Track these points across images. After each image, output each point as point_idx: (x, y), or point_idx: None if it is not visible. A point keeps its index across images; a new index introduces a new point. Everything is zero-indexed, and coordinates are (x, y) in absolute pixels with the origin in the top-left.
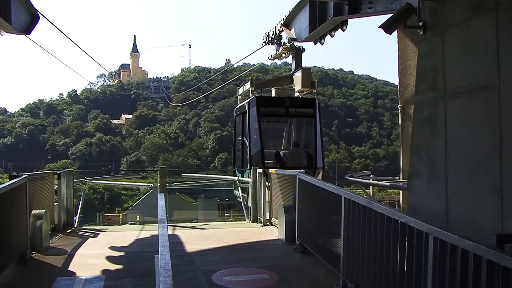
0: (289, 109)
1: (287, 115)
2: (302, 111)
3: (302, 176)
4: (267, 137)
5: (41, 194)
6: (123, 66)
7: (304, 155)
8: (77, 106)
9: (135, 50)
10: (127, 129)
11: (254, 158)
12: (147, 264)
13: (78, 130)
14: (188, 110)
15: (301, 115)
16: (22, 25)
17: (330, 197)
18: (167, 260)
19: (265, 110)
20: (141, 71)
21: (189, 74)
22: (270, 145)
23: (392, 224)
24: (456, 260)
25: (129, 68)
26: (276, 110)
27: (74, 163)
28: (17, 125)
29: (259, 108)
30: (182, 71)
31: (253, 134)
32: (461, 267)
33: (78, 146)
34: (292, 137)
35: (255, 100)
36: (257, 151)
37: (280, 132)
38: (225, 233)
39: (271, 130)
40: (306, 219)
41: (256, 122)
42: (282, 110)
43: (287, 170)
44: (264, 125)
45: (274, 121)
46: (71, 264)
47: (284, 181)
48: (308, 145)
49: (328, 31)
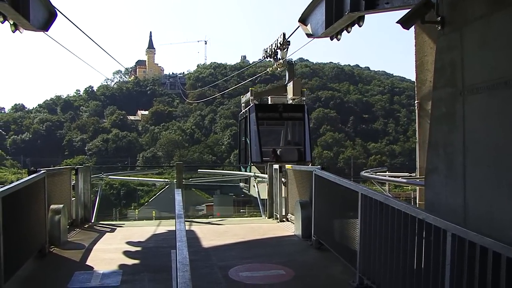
0: (282, 114)
1: (280, 118)
2: (293, 115)
3: (318, 172)
4: (265, 137)
5: (59, 189)
6: (139, 63)
7: (295, 151)
8: (94, 102)
9: (151, 47)
10: (143, 125)
11: (254, 155)
12: (163, 259)
13: (94, 126)
14: (204, 106)
15: (292, 118)
16: (40, 22)
17: (347, 193)
18: (185, 255)
19: (262, 115)
20: (157, 67)
21: (205, 71)
22: (267, 144)
23: (409, 220)
24: (474, 257)
25: (145, 65)
26: (271, 114)
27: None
28: (35, 121)
29: (257, 113)
30: (198, 67)
31: (253, 135)
32: (480, 265)
33: (94, 142)
34: (285, 136)
35: (254, 107)
36: (256, 149)
37: (275, 132)
38: (241, 229)
39: (268, 131)
40: (322, 215)
41: (255, 125)
42: (276, 114)
43: (303, 166)
44: (262, 127)
45: (270, 124)
46: (89, 258)
47: (300, 177)
48: (299, 142)
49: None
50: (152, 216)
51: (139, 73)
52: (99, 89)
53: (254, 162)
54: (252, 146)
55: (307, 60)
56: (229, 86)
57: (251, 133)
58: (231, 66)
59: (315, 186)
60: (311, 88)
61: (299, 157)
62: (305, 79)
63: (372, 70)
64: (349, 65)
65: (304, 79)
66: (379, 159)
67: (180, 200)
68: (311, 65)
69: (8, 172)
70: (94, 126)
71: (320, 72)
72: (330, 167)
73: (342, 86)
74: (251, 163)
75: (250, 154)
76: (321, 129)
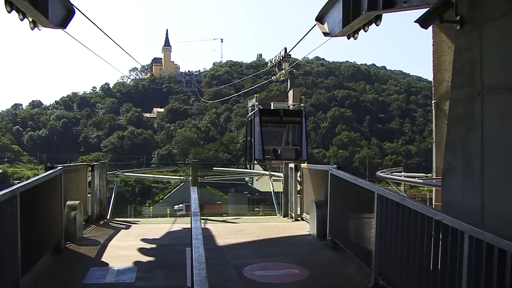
0: (283, 118)
1: (281, 122)
2: (292, 119)
3: (334, 171)
4: (267, 138)
5: (75, 185)
6: (155, 60)
7: (293, 150)
8: (110, 99)
9: (167, 44)
10: (158, 123)
11: (257, 153)
12: (178, 256)
13: (110, 123)
14: (220, 104)
15: (291, 122)
16: (59, 19)
17: (363, 193)
18: (201, 253)
19: (265, 118)
20: (173, 65)
21: (221, 69)
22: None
23: (426, 221)
24: (492, 259)
25: (161, 62)
26: (273, 118)
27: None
28: (52, 117)
29: (261, 117)
30: (214, 65)
31: (256, 135)
32: (498, 267)
33: (110, 139)
34: (285, 137)
35: (258, 111)
36: (258, 148)
37: (276, 134)
38: (256, 228)
39: (270, 133)
40: (337, 214)
41: (259, 127)
42: (277, 118)
43: (319, 166)
44: (265, 129)
45: (272, 126)
46: (104, 255)
47: (315, 176)
48: (296, 143)
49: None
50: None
51: (155, 70)
52: (115, 86)
53: (256, 160)
54: (255, 146)
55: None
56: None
57: (255, 134)
58: (247, 64)
59: (331, 186)
60: (327, 87)
61: (296, 156)
62: (321, 78)
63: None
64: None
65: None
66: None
67: (195, 198)
68: (327, 64)
69: (25, 168)
70: (110, 123)
71: (336, 71)
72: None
73: (358, 85)
74: (254, 160)
75: (254, 153)
76: (337, 128)
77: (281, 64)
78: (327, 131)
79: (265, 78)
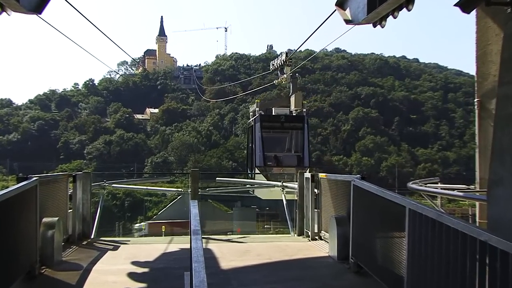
0: (284, 124)
1: (282, 128)
2: (294, 125)
3: (358, 182)
4: (268, 145)
5: (53, 199)
6: (148, 52)
7: (295, 157)
8: (95, 98)
9: (162, 34)
10: (152, 125)
11: (258, 160)
12: (176, 282)
13: (95, 126)
14: (223, 104)
15: (293, 128)
16: (32, 2)
17: (392, 207)
18: (202, 278)
19: (266, 125)
20: (169, 58)
21: (225, 62)
22: (270, 150)
23: (468, 242)
24: None
25: (155, 55)
26: (274, 124)
27: (91, 164)
28: (25, 119)
29: (262, 123)
30: (217, 59)
31: (257, 142)
32: None
33: (95, 144)
34: (287, 143)
35: (259, 117)
36: (259, 155)
37: (278, 140)
38: (266, 248)
39: (271, 139)
40: (362, 233)
41: (259, 133)
42: (279, 124)
43: (339, 175)
44: (266, 135)
45: (273, 132)
46: (87, 281)
47: (335, 188)
48: (298, 149)
49: (390, 11)
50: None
51: (148, 64)
52: (101, 83)
53: (257, 167)
54: (256, 152)
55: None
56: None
57: (255, 140)
58: (255, 57)
59: (354, 199)
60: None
61: (298, 163)
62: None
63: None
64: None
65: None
66: (429, 168)
67: (196, 213)
68: (349, 57)
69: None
70: (95, 126)
71: (359, 64)
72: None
73: (385, 81)
74: (255, 167)
75: (255, 159)
76: (360, 131)
77: (284, 68)
78: (348, 135)
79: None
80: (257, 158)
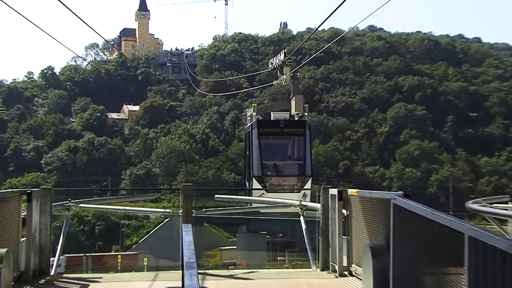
0: (284, 129)
1: (282, 134)
2: (294, 130)
3: (399, 200)
4: (267, 152)
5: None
6: (125, 32)
7: (296, 165)
8: (56, 92)
9: (143, 9)
10: (131, 127)
11: (255, 169)
12: None
13: (56, 128)
14: (224, 99)
15: (293, 134)
16: None
17: (446, 234)
18: None
19: (264, 131)
20: (153, 39)
21: (226, 45)
22: (269, 158)
23: None
24: None
25: (134, 35)
26: (273, 130)
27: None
28: None
29: (259, 129)
30: (215, 41)
31: (254, 150)
32: None
33: (56, 152)
34: (286, 151)
35: (256, 122)
36: (257, 163)
37: (277, 147)
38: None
39: (270, 146)
40: (406, 267)
41: (257, 140)
42: (278, 130)
43: (375, 192)
44: (264, 142)
45: (272, 139)
46: None
47: (370, 208)
48: (299, 157)
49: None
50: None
51: (126, 48)
52: (64, 72)
53: (255, 177)
54: (253, 161)
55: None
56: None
57: (253, 148)
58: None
59: (395, 223)
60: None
61: (300, 172)
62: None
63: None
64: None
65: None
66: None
67: (190, 241)
68: (387, 37)
69: None
70: (56, 128)
71: (401, 47)
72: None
73: (435, 69)
74: (252, 177)
75: (252, 169)
76: (402, 134)
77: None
78: (386, 140)
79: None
80: (254, 167)
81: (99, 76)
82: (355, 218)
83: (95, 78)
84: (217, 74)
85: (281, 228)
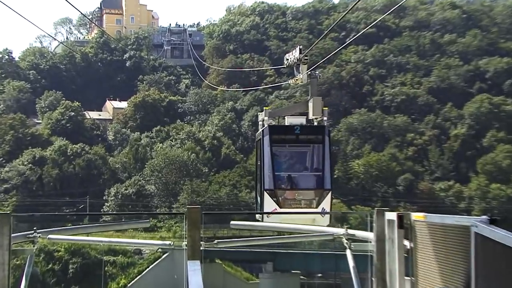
0: (300, 136)
1: (297, 141)
2: (312, 137)
3: (483, 228)
4: (280, 162)
5: None
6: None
7: (313, 177)
8: (15, 84)
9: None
10: (117, 131)
11: (267, 181)
12: None
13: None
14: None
15: (310, 141)
16: None
17: None
18: None
19: (277, 138)
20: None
21: (243, 19)
22: (283, 170)
23: None
24: None
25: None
26: (287, 137)
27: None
28: None
29: (271, 136)
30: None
31: (266, 159)
32: None
33: (16, 164)
34: (303, 161)
35: (268, 128)
36: (269, 175)
37: (292, 157)
38: None
39: (283, 155)
40: None
41: (269, 148)
42: (293, 137)
43: (448, 217)
44: (277, 151)
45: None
46: None
47: (442, 239)
48: (318, 168)
49: None
50: None
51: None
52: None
53: (267, 190)
54: (265, 172)
55: None
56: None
57: (264, 157)
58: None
59: (477, 258)
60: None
61: (318, 185)
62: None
63: None
64: None
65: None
66: None
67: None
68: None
69: None
70: (15, 133)
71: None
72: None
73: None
74: (263, 191)
75: (263, 181)
76: (485, 138)
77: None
78: (464, 145)
79: (333, 46)
80: (266, 179)
81: (73, 62)
82: (422, 252)
83: (67, 65)
84: (232, 58)
85: (320, 265)
